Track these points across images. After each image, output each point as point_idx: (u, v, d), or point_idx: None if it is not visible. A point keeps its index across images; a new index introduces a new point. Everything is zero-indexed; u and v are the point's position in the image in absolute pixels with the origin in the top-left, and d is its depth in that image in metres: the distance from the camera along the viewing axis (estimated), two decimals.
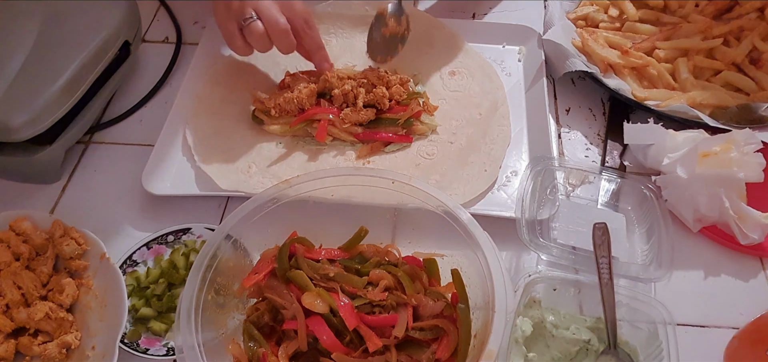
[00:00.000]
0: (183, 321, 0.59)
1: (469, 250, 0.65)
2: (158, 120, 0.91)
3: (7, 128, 0.76)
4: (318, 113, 0.86)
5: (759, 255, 0.78)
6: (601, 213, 0.80)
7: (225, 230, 0.66)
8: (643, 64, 0.93)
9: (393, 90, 0.87)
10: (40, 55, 0.82)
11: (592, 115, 0.95)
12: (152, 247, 0.77)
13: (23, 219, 0.73)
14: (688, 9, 1.00)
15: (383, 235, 0.73)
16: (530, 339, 0.66)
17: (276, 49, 0.85)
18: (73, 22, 0.86)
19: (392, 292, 0.65)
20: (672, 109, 0.87)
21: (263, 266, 0.68)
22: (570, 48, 0.95)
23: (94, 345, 0.67)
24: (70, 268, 0.72)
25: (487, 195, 0.82)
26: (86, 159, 0.90)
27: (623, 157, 0.88)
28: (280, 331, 0.66)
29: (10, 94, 0.77)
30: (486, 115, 0.91)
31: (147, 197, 0.81)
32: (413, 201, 0.69)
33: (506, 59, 1.01)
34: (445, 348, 0.63)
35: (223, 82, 0.96)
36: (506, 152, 0.87)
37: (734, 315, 0.73)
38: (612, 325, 0.64)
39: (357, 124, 0.87)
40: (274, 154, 0.87)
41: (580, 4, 1.07)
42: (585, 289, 0.69)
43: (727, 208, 0.75)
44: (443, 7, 1.12)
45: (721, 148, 0.77)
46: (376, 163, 0.86)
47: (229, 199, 0.84)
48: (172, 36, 1.08)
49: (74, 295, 0.70)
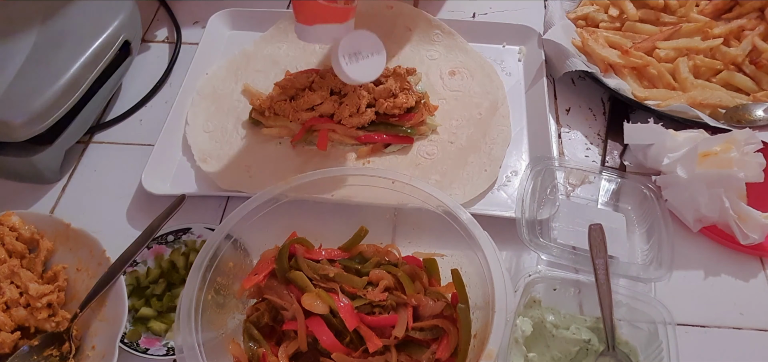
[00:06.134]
0: (183, 321, 0.59)
1: (469, 250, 0.65)
2: (158, 120, 0.91)
3: (7, 128, 0.76)
4: (318, 124, 0.86)
5: (759, 255, 0.78)
6: (601, 213, 0.80)
7: (225, 230, 0.66)
8: (643, 64, 0.93)
9: (399, 99, 0.86)
10: (40, 55, 0.82)
11: (592, 114, 0.95)
12: (152, 247, 0.77)
13: (9, 214, 0.73)
14: (688, 9, 1.00)
15: (383, 235, 0.73)
16: (530, 339, 0.66)
17: (275, 49, 0.85)
18: (73, 22, 0.86)
19: (392, 292, 0.65)
20: (672, 109, 0.87)
21: (263, 267, 0.68)
22: (570, 48, 0.95)
23: (94, 345, 0.67)
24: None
25: (487, 195, 0.82)
26: (86, 159, 0.90)
27: (623, 157, 0.88)
28: (280, 331, 0.66)
29: (10, 94, 0.77)
30: (486, 114, 0.91)
31: (147, 197, 0.81)
32: (413, 201, 0.69)
33: (506, 59, 1.01)
34: (445, 348, 0.63)
35: (223, 82, 0.96)
36: (506, 152, 0.87)
37: (734, 315, 0.73)
38: (610, 327, 0.64)
39: (358, 127, 0.86)
40: (273, 154, 0.87)
41: (580, 3, 1.07)
42: (585, 289, 0.69)
43: (727, 208, 0.75)
44: (443, 7, 1.12)
45: (721, 147, 0.76)
46: (376, 163, 0.86)
47: (229, 199, 0.84)
48: (172, 36, 1.08)
49: (65, 277, 0.70)
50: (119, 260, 0.69)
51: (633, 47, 0.95)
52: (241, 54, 1.01)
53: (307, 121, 0.86)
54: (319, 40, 0.80)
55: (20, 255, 0.71)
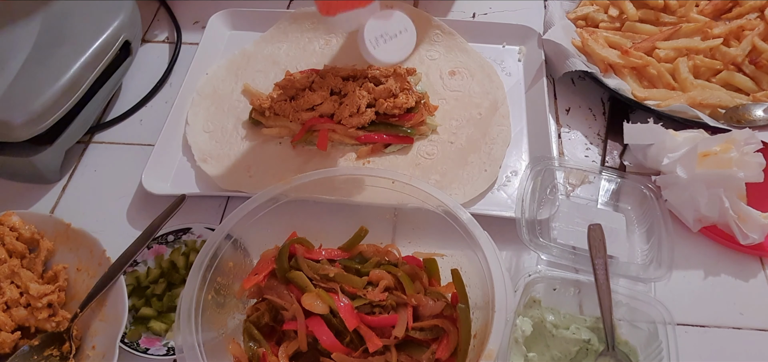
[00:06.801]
0: (183, 320, 0.59)
1: (469, 250, 0.65)
2: (158, 120, 0.91)
3: (7, 128, 0.76)
4: (318, 124, 0.86)
5: (759, 255, 0.78)
6: (601, 213, 0.80)
7: (225, 230, 0.66)
8: (643, 64, 0.93)
9: (399, 99, 0.86)
10: (41, 55, 0.82)
11: (592, 115, 0.95)
12: (152, 247, 0.77)
13: (10, 214, 0.73)
14: (687, 9, 1.00)
15: (383, 235, 0.73)
16: (530, 338, 0.66)
17: (275, 49, 0.85)
18: (73, 21, 0.86)
19: (392, 292, 0.65)
20: (672, 109, 0.87)
21: (263, 267, 0.68)
22: (570, 48, 0.95)
23: (94, 345, 0.67)
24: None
25: (487, 195, 0.82)
26: (86, 159, 0.90)
27: (623, 157, 0.88)
28: (280, 331, 0.66)
29: (11, 93, 0.78)
30: (486, 114, 0.91)
31: (147, 197, 0.81)
32: (413, 201, 0.69)
33: (506, 59, 1.01)
34: (445, 348, 0.63)
35: (223, 82, 0.96)
36: (506, 152, 0.87)
37: (734, 315, 0.73)
38: (609, 326, 0.64)
39: (358, 127, 0.86)
40: (273, 154, 0.87)
41: (580, 4, 1.07)
42: (585, 289, 0.69)
43: (727, 208, 0.75)
44: (443, 6, 1.12)
45: (721, 147, 0.77)
46: (376, 163, 0.86)
47: (229, 199, 0.84)
48: (172, 36, 1.08)
49: (66, 277, 0.70)
50: (119, 260, 0.69)
51: (633, 47, 0.95)
52: (241, 54, 1.01)
53: (307, 121, 0.86)
54: (346, 27, 0.78)
55: (20, 255, 0.71)
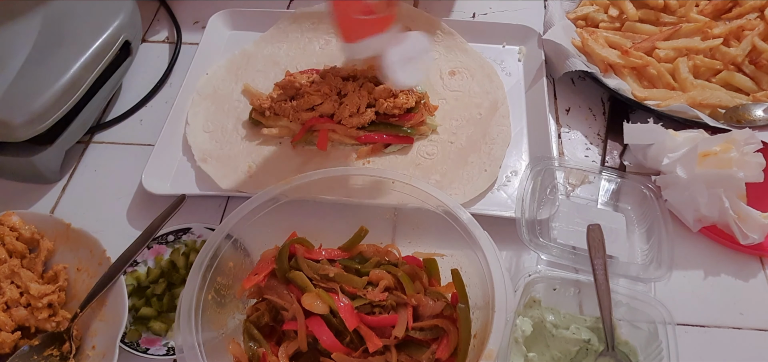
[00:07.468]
0: (183, 320, 0.59)
1: (469, 250, 0.65)
2: (158, 120, 0.91)
3: (7, 128, 0.76)
4: (318, 124, 0.86)
5: (759, 255, 0.78)
6: (601, 213, 0.80)
7: (225, 230, 0.66)
8: (643, 64, 0.93)
9: (399, 99, 0.86)
10: (41, 55, 0.82)
11: (592, 115, 0.95)
12: (152, 247, 0.77)
13: (10, 214, 0.73)
14: (687, 9, 1.00)
15: (383, 235, 0.73)
16: (530, 338, 0.66)
17: (275, 49, 0.85)
18: (73, 21, 0.86)
19: (392, 292, 0.65)
20: (672, 109, 0.87)
21: (263, 267, 0.68)
22: (570, 48, 0.95)
23: (94, 345, 0.67)
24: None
25: (487, 195, 0.82)
26: (86, 159, 0.90)
27: (623, 157, 0.88)
28: (280, 331, 0.66)
29: (11, 93, 0.78)
30: (486, 114, 0.91)
31: (147, 197, 0.81)
32: (413, 201, 0.69)
33: (506, 59, 1.01)
34: (445, 348, 0.63)
35: (223, 82, 0.96)
36: (506, 152, 0.87)
37: (734, 315, 0.73)
38: (609, 326, 0.64)
39: (358, 127, 0.86)
40: (273, 154, 0.87)
41: (580, 4, 1.07)
42: (585, 289, 0.69)
43: (727, 208, 0.75)
44: (443, 6, 1.12)
45: (721, 147, 0.77)
46: (376, 163, 0.86)
47: (229, 199, 0.84)
48: (172, 36, 1.08)
49: (66, 277, 0.70)
50: (119, 260, 0.69)
51: (633, 47, 0.95)
52: (241, 54, 1.01)
53: (307, 121, 0.86)
54: (365, 54, 0.81)
55: (20, 255, 0.71)
